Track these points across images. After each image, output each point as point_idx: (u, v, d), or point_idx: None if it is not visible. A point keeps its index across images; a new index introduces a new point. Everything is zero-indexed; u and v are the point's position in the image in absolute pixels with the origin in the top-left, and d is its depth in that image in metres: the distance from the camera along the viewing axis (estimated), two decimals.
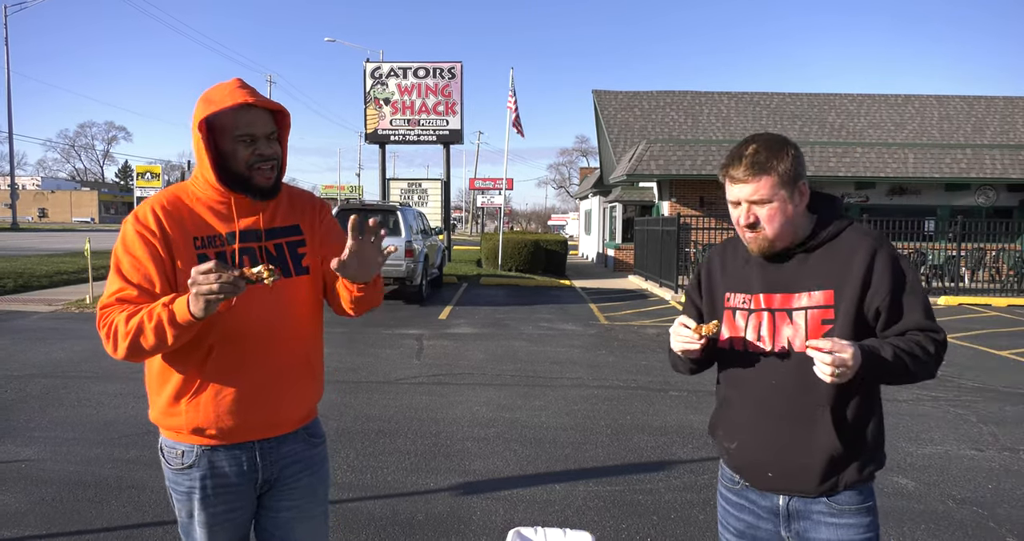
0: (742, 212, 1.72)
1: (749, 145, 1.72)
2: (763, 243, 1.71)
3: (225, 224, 1.82)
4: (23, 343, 8.33)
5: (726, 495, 1.88)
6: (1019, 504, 4.01)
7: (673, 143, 18.63)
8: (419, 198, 21.20)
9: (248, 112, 1.75)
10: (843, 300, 1.66)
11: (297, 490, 1.92)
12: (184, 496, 1.84)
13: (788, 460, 1.71)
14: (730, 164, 1.73)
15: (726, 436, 1.83)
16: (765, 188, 1.68)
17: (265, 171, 1.79)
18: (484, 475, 4.33)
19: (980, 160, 18.22)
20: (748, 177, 1.69)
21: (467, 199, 78.84)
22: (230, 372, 1.77)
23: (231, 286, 1.54)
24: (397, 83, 20.69)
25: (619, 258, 22.64)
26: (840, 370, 1.50)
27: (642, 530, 3.61)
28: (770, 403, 1.72)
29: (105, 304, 1.73)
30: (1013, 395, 6.58)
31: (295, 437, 1.91)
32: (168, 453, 1.85)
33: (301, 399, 1.90)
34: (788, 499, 1.75)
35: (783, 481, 1.74)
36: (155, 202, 1.80)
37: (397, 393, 6.27)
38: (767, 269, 1.75)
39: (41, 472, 4.23)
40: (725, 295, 1.81)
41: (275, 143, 1.81)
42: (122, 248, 1.76)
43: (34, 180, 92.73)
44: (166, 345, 1.65)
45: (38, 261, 17.51)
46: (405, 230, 12.28)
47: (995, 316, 12.54)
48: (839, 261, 1.69)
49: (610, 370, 7.45)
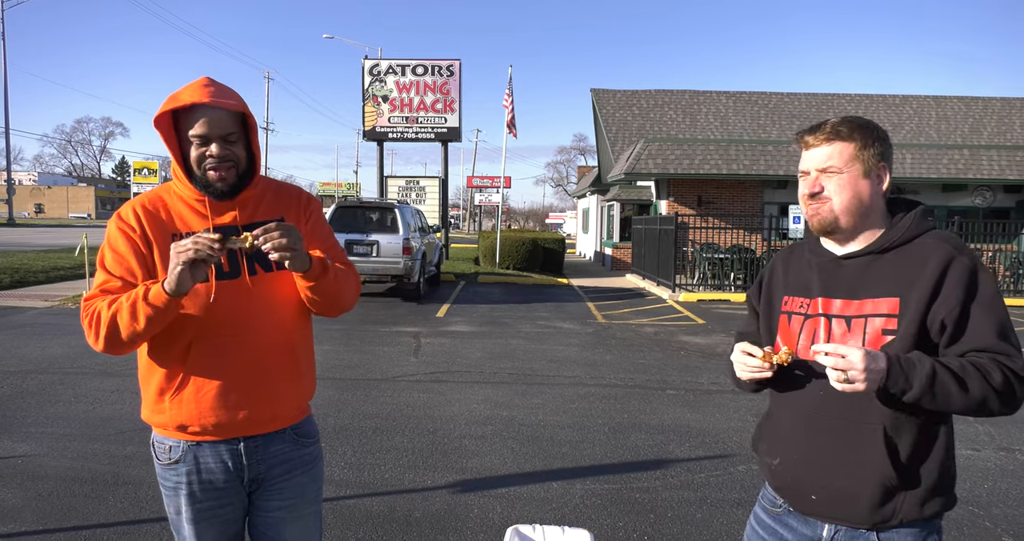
0: (808, 180, 1.59)
1: (837, 118, 1.60)
2: (826, 217, 1.56)
3: (203, 220, 1.83)
4: (19, 339, 8.31)
5: (761, 517, 1.74)
6: (1015, 504, 4.02)
7: (671, 142, 18.63)
8: (417, 196, 21.19)
9: (205, 112, 1.71)
10: (907, 310, 1.48)
11: (286, 490, 1.91)
12: (172, 491, 1.86)
13: (834, 482, 1.54)
14: (807, 131, 1.60)
15: (768, 451, 1.68)
16: (839, 156, 1.54)
17: (220, 172, 1.76)
18: (481, 473, 4.33)
19: (977, 161, 18.26)
20: (822, 141, 1.56)
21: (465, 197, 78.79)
22: (210, 368, 1.77)
23: (208, 246, 1.58)
24: (395, 80, 20.68)
25: (617, 257, 22.66)
26: (850, 374, 1.37)
27: (639, 528, 3.61)
28: (818, 417, 1.56)
29: (89, 296, 1.77)
30: None
31: (283, 437, 1.90)
32: (158, 448, 1.87)
33: (286, 395, 1.87)
34: (835, 529, 1.57)
35: (828, 506, 1.57)
36: (137, 201, 1.85)
37: (394, 391, 6.27)
38: (829, 271, 1.61)
39: (38, 468, 4.23)
40: (783, 298, 1.68)
41: (235, 145, 1.77)
42: (106, 245, 1.81)
43: (31, 176, 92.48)
44: (138, 326, 1.66)
45: (34, 257, 17.47)
46: (403, 228, 12.27)
47: None
48: (911, 267, 1.51)
49: (607, 369, 7.45)
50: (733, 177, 18.16)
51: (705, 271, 16.10)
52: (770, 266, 1.80)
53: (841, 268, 1.59)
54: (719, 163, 18.02)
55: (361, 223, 12.45)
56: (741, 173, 17.97)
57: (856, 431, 1.51)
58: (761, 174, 17.97)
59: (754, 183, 18.98)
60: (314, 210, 1.99)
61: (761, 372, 1.54)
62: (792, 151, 18.24)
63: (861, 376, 1.37)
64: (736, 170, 17.98)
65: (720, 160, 18.07)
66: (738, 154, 18.23)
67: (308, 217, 1.95)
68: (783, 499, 1.67)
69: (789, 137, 22.42)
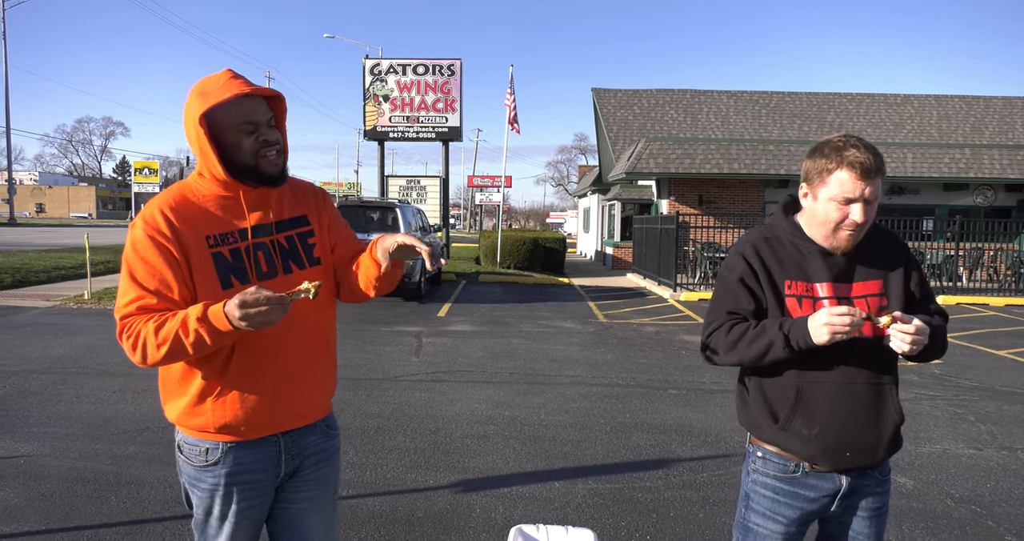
0: (857, 211, 1.77)
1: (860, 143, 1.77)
2: (853, 241, 1.83)
3: (235, 220, 1.80)
4: (21, 339, 8.31)
5: (777, 486, 1.91)
6: (1017, 503, 4.02)
7: (672, 141, 18.62)
8: (418, 195, 21.18)
9: (246, 101, 1.73)
10: (891, 287, 1.87)
11: (313, 481, 1.93)
12: (206, 493, 1.82)
13: (864, 437, 1.83)
14: (858, 161, 1.74)
15: (806, 423, 1.85)
16: (879, 187, 1.79)
17: (271, 157, 1.78)
18: (483, 472, 4.33)
19: (978, 160, 18.24)
20: (876, 175, 1.76)
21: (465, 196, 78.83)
22: (254, 368, 1.77)
23: (281, 309, 1.56)
24: (396, 80, 20.66)
25: (618, 256, 22.65)
26: (919, 338, 1.70)
27: (641, 528, 3.61)
28: (851, 386, 1.83)
29: (125, 314, 1.68)
30: (1011, 394, 6.59)
31: (315, 428, 1.93)
32: (189, 451, 1.83)
33: (323, 389, 1.93)
34: (850, 478, 1.88)
35: (857, 459, 1.84)
36: (161, 203, 1.75)
37: (396, 390, 6.27)
38: (828, 260, 1.86)
39: (40, 468, 4.23)
40: (786, 282, 1.87)
41: (275, 129, 1.79)
42: (133, 253, 1.71)
43: (31, 175, 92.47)
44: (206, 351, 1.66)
45: (36, 256, 17.47)
46: (404, 227, 12.27)
47: (993, 316, 12.57)
48: (883, 253, 1.90)
49: (609, 368, 7.45)
50: (734, 176, 18.15)
51: (706, 270, 16.09)
52: (751, 251, 1.91)
53: (832, 258, 1.87)
54: (720, 162, 18.01)
55: (362, 223, 12.45)
56: (742, 172, 17.96)
57: (878, 392, 1.85)
58: (762, 173, 17.95)
59: (755, 182, 18.97)
60: (328, 202, 2.02)
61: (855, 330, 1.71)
62: (793, 150, 18.23)
63: (925, 342, 1.73)
64: (737, 169, 17.97)
65: (721, 159, 18.06)
66: (739, 153, 18.22)
67: (326, 210, 1.99)
68: (814, 463, 1.87)
69: (790, 136, 22.42)
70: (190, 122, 1.73)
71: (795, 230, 1.90)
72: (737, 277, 1.90)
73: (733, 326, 1.86)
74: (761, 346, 1.79)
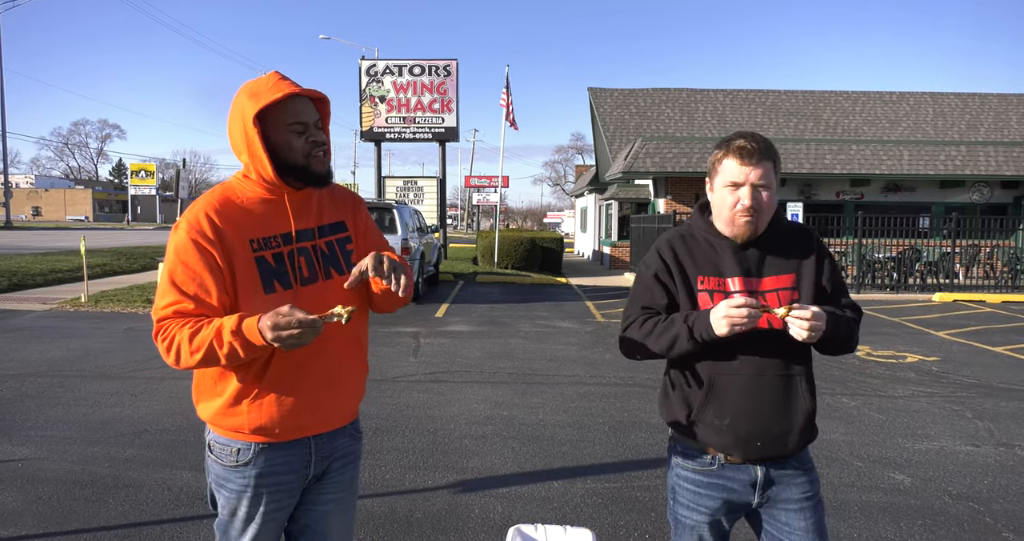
0: (745, 194, 1.84)
1: (748, 134, 1.87)
2: (752, 228, 1.87)
3: (278, 223, 1.80)
4: (18, 342, 8.30)
5: (697, 479, 1.97)
6: (1015, 499, 4.03)
7: (669, 140, 18.64)
8: (415, 196, 21.19)
9: (296, 101, 1.75)
10: (802, 280, 1.91)
11: (339, 483, 1.94)
12: (234, 494, 1.81)
13: (776, 427, 1.88)
14: (740, 146, 1.84)
15: (717, 414, 1.90)
16: (770, 173, 1.85)
17: (321, 157, 1.79)
18: (482, 473, 4.33)
19: (974, 157, 18.28)
20: (761, 159, 1.83)
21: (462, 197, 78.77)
22: (293, 372, 1.78)
23: (313, 332, 1.57)
24: (392, 81, 20.67)
25: (615, 255, 22.66)
26: (817, 324, 1.73)
27: (640, 527, 3.62)
28: (760, 377, 1.87)
29: (162, 317, 1.70)
30: (1008, 391, 6.60)
31: (343, 432, 1.94)
32: (220, 450, 1.82)
33: (356, 393, 1.96)
34: (765, 468, 1.92)
35: (769, 449, 1.89)
36: (206, 206, 1.75)
37: (394, 391, 6.27)
38: (738, 255, 1.91)
39: (38, 471, 4.22)
40: (698, 278, 1.92)
41: (321, 130, 1.81)
42: (175, 256, 1.71)
43: (28, 178, 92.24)
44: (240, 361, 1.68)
45: (32, 260, 17.43)
46: (401, 228, 12.26)
47: (989, 312, 12.59)
48: (796, 248, 1.94)
49: (607, 367, 7.45)
50: None
51: None
52: (667, 248, 1.98)
53: (745, 252, 1.92)
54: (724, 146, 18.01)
55: None
56: None
57: (788, 383, 1.90)
58: None
59: None
60: (364, 209, 2.04)
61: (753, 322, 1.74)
62: (789, 149, 18.26)
63: (823, 327, 1.75)
64: None
65: (720, 147, 18.06)
66: None
67: (363, 218, 2.01)
68: (726, 454, 1.92)
69: (786, 135, 22.45)
70: (239, 123, 1.74)
71: (708, 227, 1.97)
72: (652, 273, 1.97)
73: (646, 320, 1.93)
74: (668, 339, 1.85)
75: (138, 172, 33.26)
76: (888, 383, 6.83)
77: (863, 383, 6.74)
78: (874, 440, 5.06)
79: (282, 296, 1.74)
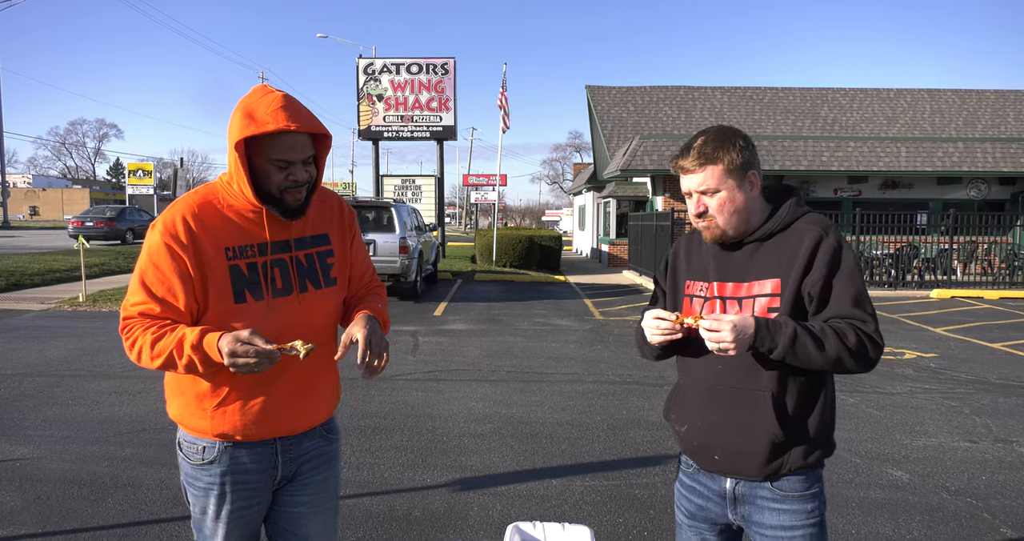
0: (691, 203, 1.81)
1: (699, 137, 1.78)
2: (715, 232, 1.79)
3: (256, 232, 1.78)
4: (16, 342, 8.29)
5: (682, 479, 1.98)
6: (1013, 495, 4.03)
7: (667, 138, 18.63)
8: (413, 194, 21.16)
9: (288, 137, 1.68)
10: (787, 287, 1.72)
11: (312, 485, 1.93)
12: (201, 492, 1.83)
13: (733, 443, 1.77)
14: (680, 156, 1.80)
15: (678, 420, 1.91)
16: (712, 178, 1.75)
17: (294, 194, 1.75)
18: (481, 471, 4.34)
19: (972, 154, 18.28)
20: (695, 167, 1.75)
21: (461, 195, 78.74)
22: (259, 383, 1.77)
23: (269, 362, 1.59)
24: (390, 79, 20.63)
25: (613, 253, 22.66)
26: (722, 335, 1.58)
27: (639, 524, 3.62)
28: (717, 388, 1.80)
29: (128, 315, 1.72)
30: (1006, 387, 6.62)
31: (313, 433, 1.93)
32: (187, 448, 1.84)
33: (326, 400, 1.95)
34: (735, 482, 1.82)
35: (729, 464, 1.80)
36: (185, 209, 1.72)
37: (393, 390, 6.27)
38: (721, 257, 1.83)
39: (36, 470, 4.22)
40: (686, 282, 1.90)
41: (311, 166, 1.77)
42: (147, 258, 1.70)
43: (25, 178, 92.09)
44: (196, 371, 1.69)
45: (30, 259, 17.40)
46: (399, 227, 12.26)
47: (987, 309, 12.61)
48: (789, 250, 1.75)
49: (605, 365, 7.46)
50: None
51: None
52: (674, 249, 2.00)
53: (732, 255, 1.82)
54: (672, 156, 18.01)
55: (358, 223, 12.43)
56: None
57: (749, 398, 1.74)
58: None
59: None
60: (356, 229, 2.01)
61: (672, 334, 1.69)
62: (787, 146, 18.27)
63: (729, 338, 1.58)
64: None
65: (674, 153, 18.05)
66: None
67: (352, 236, 1.99)
68: (693, 460, 1.90)
69: (784, 132, 22.45)
70: (229, 140, 1.71)
71: None
72: (654, 273, 2.01)
73: None
74: (638, 339, 1.90)
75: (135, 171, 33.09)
76: (886, 379, 6.84)
77: (861, 380, 6.74)
78: (872, 436, 5.07)
79: (252, 307, 1.74)
